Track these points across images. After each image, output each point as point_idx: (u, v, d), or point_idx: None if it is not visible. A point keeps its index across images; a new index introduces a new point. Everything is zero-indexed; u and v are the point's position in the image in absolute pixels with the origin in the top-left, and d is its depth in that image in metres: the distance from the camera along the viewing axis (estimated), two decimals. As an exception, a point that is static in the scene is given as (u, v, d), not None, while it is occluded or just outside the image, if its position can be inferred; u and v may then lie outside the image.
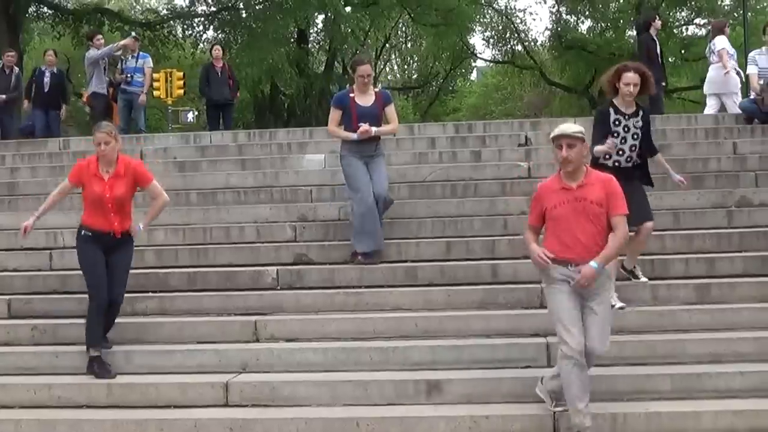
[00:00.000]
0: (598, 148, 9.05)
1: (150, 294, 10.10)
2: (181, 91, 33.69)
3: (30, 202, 12.62)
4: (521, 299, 9.61)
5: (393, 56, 59.50)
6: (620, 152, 9.22)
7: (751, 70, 14.52)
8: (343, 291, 9.96)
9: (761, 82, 14.07)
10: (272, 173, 13.26)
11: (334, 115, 10.75)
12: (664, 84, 17.23)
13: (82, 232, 9.00)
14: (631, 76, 9.09)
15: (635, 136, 9.27)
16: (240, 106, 39.41)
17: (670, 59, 41.36)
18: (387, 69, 61.43)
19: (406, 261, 10.49)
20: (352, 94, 10.66)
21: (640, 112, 9.35)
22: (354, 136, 10.41)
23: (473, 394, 8.17)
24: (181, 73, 33.89)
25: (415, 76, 60.60)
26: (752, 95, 14.41)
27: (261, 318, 9.57)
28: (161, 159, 14.36)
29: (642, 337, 8.76)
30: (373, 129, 10.43)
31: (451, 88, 58.35)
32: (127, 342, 9.18)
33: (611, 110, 9.27)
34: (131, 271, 9.31)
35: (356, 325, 9.36)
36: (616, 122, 9.22)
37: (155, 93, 31.38)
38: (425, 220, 11.31)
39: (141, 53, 18.96)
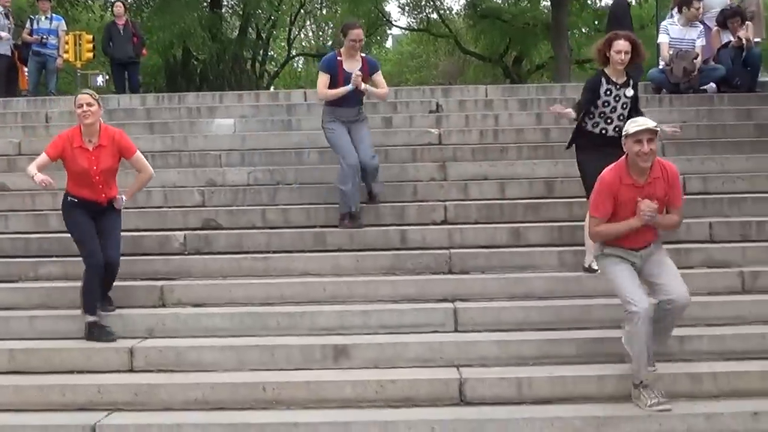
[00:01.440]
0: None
1: (54, 258, 9.94)
2: (91, 54, 33.05)
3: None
4: (429, 265, 9.65)
5: (308, 22, 59.11)
6: (609, 121, 9.19)
7: (663, 39, 14.58)
8: (251, 256, 9.90)
9: (671, 52, 14.18)
10: (181, 137, 13.08)
11: (323, 79, 10.60)
12: None
13: (68, 198, 8.81)
14: (622, 44, 9.01)
15: (624, 106, 9.21)
16: (152, 71, 39.00)
17: (583, 30, 41.85)
18: (302, 35, 61.11)
19: (314, 226, 10.45)
20: (339, 58, 10.56)
21: (631, 81, 9.29)
22: (348, 87, 10.34)
23: (380, 359, 8.19)
24: (91, 36, 33.25)
25: (330, 42, 60.27)
26: (661, 65, 14.53)
27: (168, 283, 9.50)
28: (67, 122, 14.09)
29: (549, 302, 8.85)
30: (367, 86, 10.46)
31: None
32: (30, 307, 9.05)
33: (603, 80, 9.19)
34: (36, 236, 9.16)
35: (264, 291, 9.33)
36: (608, 92, 9.16)
37: (65, 56, 30.84)
38: (333, 185, 11.27)
39: (54, 15, 18.51)
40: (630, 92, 9.25)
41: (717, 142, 12.24)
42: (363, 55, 10.78)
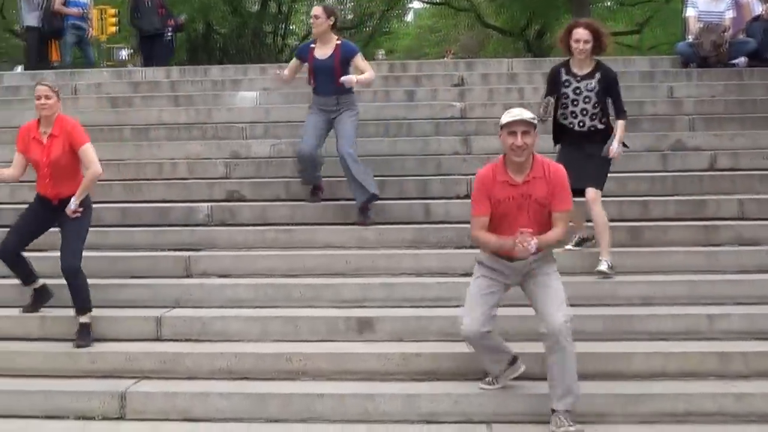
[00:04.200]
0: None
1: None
2: (114, 28, 33.11)
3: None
4: (452, 239, 9.68)
5: (328, -4, 59.04)
6: (573, 114, 8.94)
7: (690, 12, 14.43)
8: (274, 228, 9.97)
9: (700, 25, 14.06)
10: (205, 110, 13.17)
11: (292, 64, 10.72)
12: None
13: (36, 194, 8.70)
14: (581, 32, 8.74)
15: (587, 100, 8.87)
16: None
17: (607, 3, 41.62)
18: (322, 9, 60.91)
19: (338, 199, 10.50)
20: (313, 45, 10.43)
21: (597, 75, 8.91)
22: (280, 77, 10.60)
23: (404, 332, 8.26)
24: (114, 10, 33.31)
25: (350, 16, 60.14)
26: (690, 38, 14.40)
27: (193, 254, 9.60)
28: (95, 94, 14.21)
29: (574, 278, 8.85)
30: (353, 78, 10.15)
31: (385, 29, 58.08)
32: (59, 276, 9.12)
33: (562, 70, 8.97)
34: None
35: (287, 262, 9.41)
36: (566, 83, 8.92)
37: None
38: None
39: None
40: (592, 85, 8.87)
41: (747, 118, 12.23)
42: (339, 41, 10.40)
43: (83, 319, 8.34)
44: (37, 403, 7.55)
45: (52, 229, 8.68)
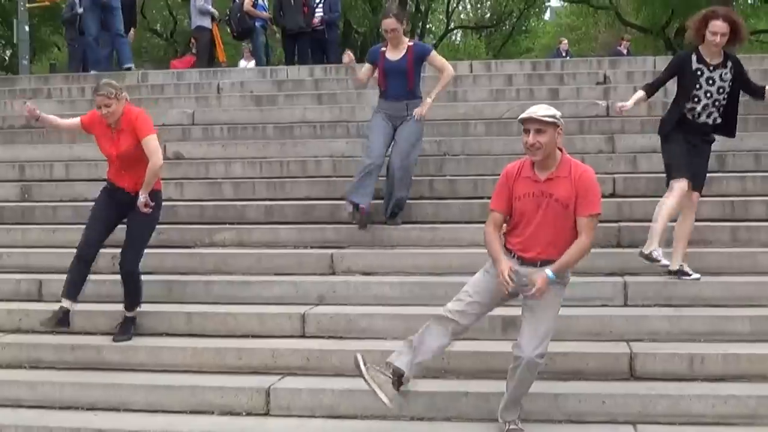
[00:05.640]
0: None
1: (228, 226, 10.23)
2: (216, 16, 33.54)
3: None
4: (598, 238, 9.47)
5: (466, -5, 59.15)
6: (705, 107, 8.56)
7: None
8: (419, 226, 9.99)
9: None
10: (348, 108, 13.27)
11: (364, 67, 10.49)
12: None
13: (105, 183, 8.67)
14: (719, 25, 8.30)
15: (720, 90, 8.51)
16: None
17: (748, 0, 40.70)
18: (460, 8, 61.02)
19: (482, 197, 10.40)
20: (383, 48, 10.28)
21: (729, 63, 8.54)
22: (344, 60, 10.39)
23: (549, 331, 8.16)
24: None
25: (488, 15, 60.19)
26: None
27: (337, 251, 9.67)
28: (238, 93, 14.44)
29: (721, 278, 8.68)
30: (424, 110, 10.08)
31: (524, 27, 57.99)
32: (205, 272, 9.29)
33: (693, 57, 8.56)
34: (211, 203, 9.28)
35: (432, 260, 9.41)
36: (698, 72, 8.51)
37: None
38: (501, 156, 11.21)
39: None
40: (727, 75, 8.52)
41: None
42: (411, 43, 10.25)
43: (130, 313, 8.49)
44: (183, 398, 7.69)
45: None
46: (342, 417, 7.40)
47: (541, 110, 6.45)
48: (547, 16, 64.35)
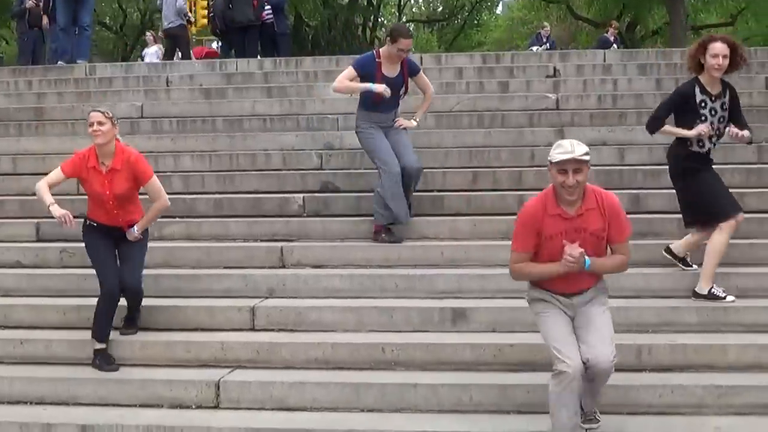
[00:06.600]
0: (698, 129, 8.19)
1: (177, 219, 10.13)
2: (205, 20, 33.42)
3: (57, 127, 12.73)
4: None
5: (419, -13, 59.23)
6: (710, 138, 8.30)
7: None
8: (369, 218, 9.94)
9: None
10: (298, 101, 13.24)
11: (349, 73, 9.72)
12: None
13: (87, 222, 8.29)
14: (718, 47, 8.12)
15: (722, 120, 8.34)
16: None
17: (700, -5, 41.06)
18: (412, 1, 61.09)
19: (432, 190, 10.47)
20: (378, 60, 9.76)
21: (727, 91, 8.38)
22: (371, 87, 9.49)
23: (498, 323, 8.22)
24: (205, 2, 33.63)
25: (440, 8, 60.26)
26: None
27: (287, 244, 9.64)
28: (187, 86, 14.37)
29: (669, 270, 8.74)
30: (414, 123, 10.09)
31: (476, 21, 58.05)
32: (155, 266, 9.22)
33: (697, 90, 8.27)
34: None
35: (382, 253, 9.41)
36: (702, 104, 8.26)
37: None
38: (452, 150, 11.29)
39: None
40: (726, 105, 8.34)
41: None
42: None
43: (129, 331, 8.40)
44: (132, 391, 7.67)
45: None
46: (292, 409, 7.40)
47: (578, 149, 6.13)
48: (499, 9, 64.54)
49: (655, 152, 10.75)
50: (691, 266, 8.76)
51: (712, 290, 8.25)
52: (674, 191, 8.79)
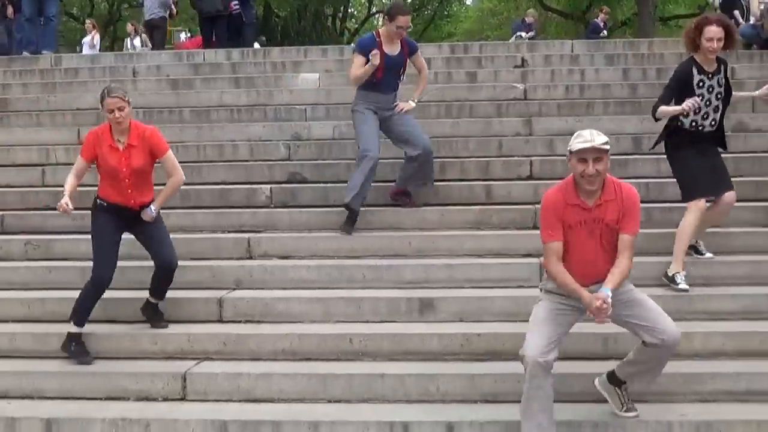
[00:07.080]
0: (685, 104, 8.22)
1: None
2: (174, 10, 33.32)
3: (22, 118, 12.65)
4: (514, 220, 9.63)
5: (388, -21, 59.05)
6: (705, 115, 8.40)
7: (753, -7, 14.32)
8: (336, 210, 9.92)
9: (762, 6, 13.91)
10: (266, 92, 13.22)
11: (359, 61, 9.67)
12: None
13: (98, 201, 8.11)
14: (714, 30, 8.21)
15: (719, 96, 8.44)
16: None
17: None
18: (382, -8, 60.97)
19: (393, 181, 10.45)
20: (378, 39, 9.80)
21: (721, 67, 8.50)
22: (370, 64, 9.47)
23: (465, 313, 8.23)
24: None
25: (408, 0, 60.15)
26: (752, 20, 14.25)
27: (254, 235, 9.61)
28: (154, 76, 14.30)
29: (636, 258, 8.71)
30: (413, 104, 10.12)
31: (446, 12, 58.02)
32: (120, 258, 9.14)
33: (694, 70, 8.39)
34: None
35: (349, 243, 9.40)
36: (700, 83, 8.36)
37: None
38: (420, 140, 11.28)
39: None
40: (723, 80, 8.48)
41: (808, 99, 11.99)
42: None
43: (158, 300, 8.40)
44: (98, 384, 7.63)
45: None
46: (259, 401, 7.38)
47: (598, 139, 6.17)
48: (469, 0, 64.49)
49: (623, 142, 10.82)
50: (704, 254, 8.82)
51: (676, 275, 8.34)
52: (639, 180, 8.86)
